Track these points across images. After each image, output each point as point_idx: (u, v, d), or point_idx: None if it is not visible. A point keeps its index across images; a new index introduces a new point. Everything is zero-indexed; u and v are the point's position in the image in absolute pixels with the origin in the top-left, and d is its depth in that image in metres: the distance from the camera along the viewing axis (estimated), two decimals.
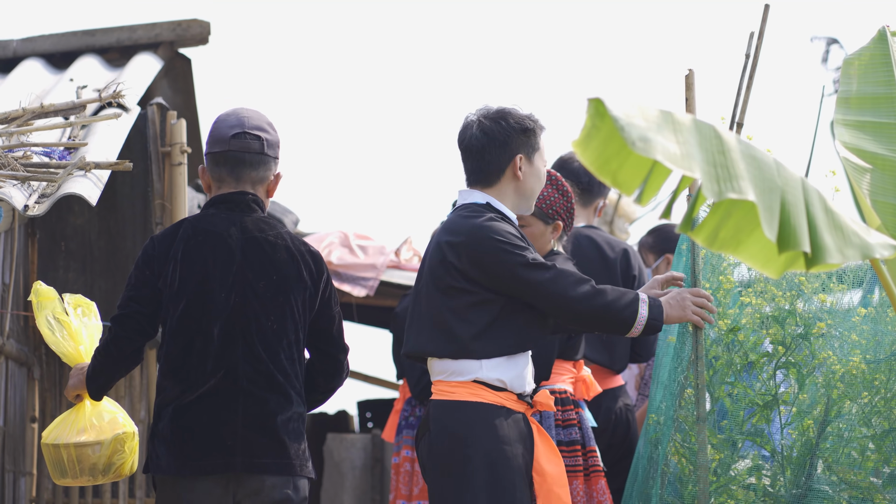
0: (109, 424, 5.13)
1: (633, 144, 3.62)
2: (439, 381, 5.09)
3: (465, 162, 5.21)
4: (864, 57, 5.59)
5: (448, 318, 5.04)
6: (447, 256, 5.06)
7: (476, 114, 5.22)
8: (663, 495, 5.40)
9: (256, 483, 4.87)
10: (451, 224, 5.14)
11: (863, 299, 5.49)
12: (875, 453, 5.26)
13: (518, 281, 5.01)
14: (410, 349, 5.15)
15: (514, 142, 5.17)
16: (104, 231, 6.68)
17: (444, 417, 5.04)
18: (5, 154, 5.52)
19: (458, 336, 5.03)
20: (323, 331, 5.09)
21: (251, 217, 4.99)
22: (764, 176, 3.90)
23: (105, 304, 6.66)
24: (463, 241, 5.04)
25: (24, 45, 7.92)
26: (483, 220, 5.08)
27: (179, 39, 8.00)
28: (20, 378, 6.56)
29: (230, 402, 4.84)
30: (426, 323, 5.09)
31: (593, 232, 6.72)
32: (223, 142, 5.03)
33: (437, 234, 5.17)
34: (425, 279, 5.13)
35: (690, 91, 5.38)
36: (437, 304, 5.08)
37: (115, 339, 4.95)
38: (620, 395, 6.50)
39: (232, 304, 4.88)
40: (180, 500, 4.85)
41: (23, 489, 6.56)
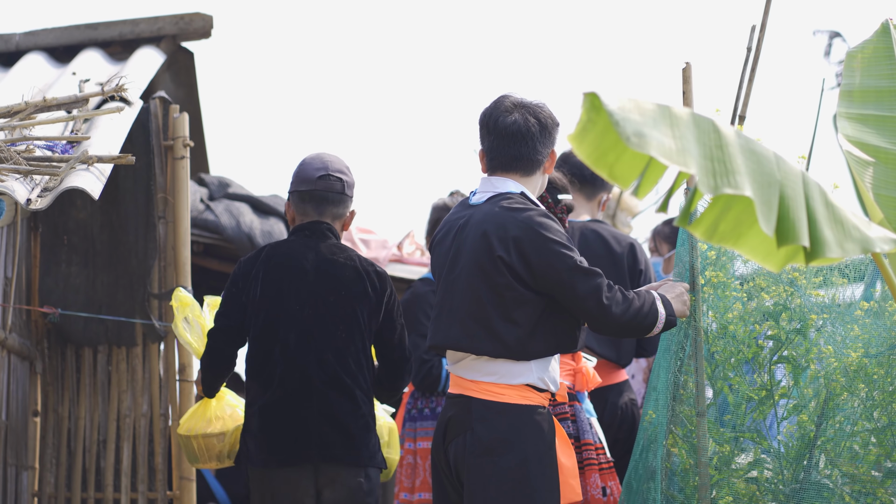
0: (231, 417, 5.74)
1: (627, 140, 3.61)
2: (485, 382, 5.05)
3: (501, 147, 5.14)
4: (868, 50, 5.58)
5: (491, 315, 5.00)
6: (496, 250, 4.98)
7: (514, 99, 5.16)
8: (664, 489, 5.40)
9: (333, 472, 5.50)
10: (498, 216, 5.04)
11: (865, 293, 5.49)
12: (876, 447, 5.26)
13: (564, 284, 4.98)
14: (440, 342, 5.09)
15: (555, 135, 5.18)
16: (106, 225, 6.67)
17: (492, 419, 5.01)
18: (8, 148, 5.52)
19: (501, 336, 4.99)
20: (386, 340, 5.67)
21: (325, 243, 5.64)
22: (763, 170, 3.90)
23: (107, 298, 6.67)
24: (515, 236, 4.98)
25: (26, 38, 7.92)
26: (535, 215, 5.03)
27: (182, 33, 7.99)
28: (22, 372, 6.56)
29: (305, 401, 5.49)
30: (461, 316, 5.03)
31: (599, 226, 6.71)
32: (310, 182, 5.66)
33: (480, 223, 5.06)
34: (465, 270, 5.04)
35: (688, 84, 5.37)
36: (479, 299, 5.02)
37: (209, 350, 5.62)
38: (625, 390, 6.50)
39: (305, 315, 5.53)
40: (270, 489, 5.52)
41: (25, 483, 6.57)
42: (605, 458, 5.79)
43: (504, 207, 5.05)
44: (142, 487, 6.68)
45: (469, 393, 5.05)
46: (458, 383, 5.11)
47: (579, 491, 5.10)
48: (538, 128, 5.13)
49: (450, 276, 5.09)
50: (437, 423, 5.22)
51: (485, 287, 4.99)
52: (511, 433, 5.00)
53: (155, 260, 6.62)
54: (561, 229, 5.06)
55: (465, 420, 5.04)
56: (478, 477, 4.99)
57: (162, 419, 6.68)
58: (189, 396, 6.58)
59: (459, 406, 5.07)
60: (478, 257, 5.01)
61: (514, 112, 5.12)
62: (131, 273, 6.65)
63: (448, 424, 5.10)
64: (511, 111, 5.12)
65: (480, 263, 5.00)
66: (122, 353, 6.74)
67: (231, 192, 8.42)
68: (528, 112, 5.12)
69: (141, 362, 6.74)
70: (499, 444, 4.99)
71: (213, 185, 8.49)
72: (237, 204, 8.31)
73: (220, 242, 8.20)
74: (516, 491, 4.99)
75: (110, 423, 6.72)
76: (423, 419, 7.08)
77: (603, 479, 5.74)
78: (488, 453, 4.99)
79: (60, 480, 6.71)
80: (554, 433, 5.10)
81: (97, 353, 6.75)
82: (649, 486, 5.50)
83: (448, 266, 5.11)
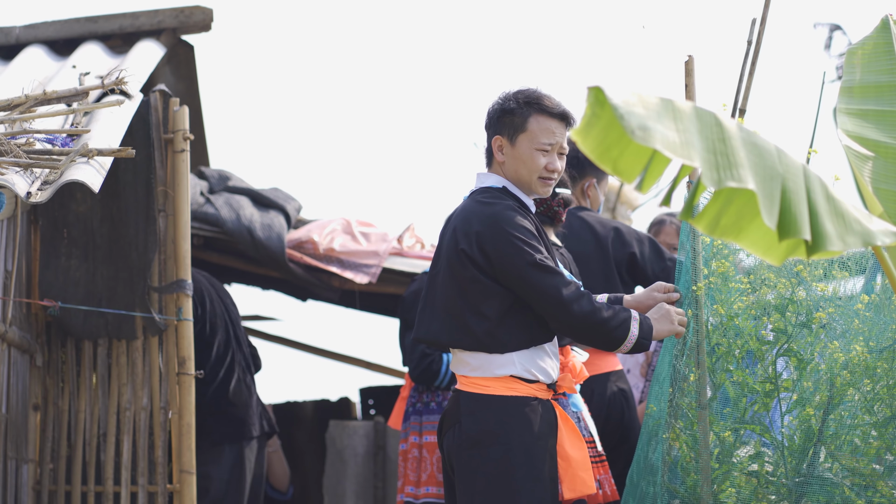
0: None
1: (632, 133, 3.62)
2: (471, 375, 5.09)
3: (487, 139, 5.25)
4: (868, 46, 5.59)
5: (461, 308, 5.05)
6: (460, 244, 5.05)
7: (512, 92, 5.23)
8: (666, 482, 5.41)
9: None
10: (467, 210, 5.12)
11: (865, 286, 5.49)
12: (877, 440, 5.27)
13: (523, 280, 5.01)
14: (423, 335, 5.16)
15: (495, 122, 5.17)
16: (107, 218, 6.67)
17: (477, 412, 5.05)
18: (8, 141, 5.52)
19: (472, 329, 5.04)
20: None
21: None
22: (765, 163, 3.90)
23: (107, 292, 6.66)
24: (477, 231, 5.04)
25: (26, 31, 7.92)
26: (500, 209, 5.07)
27: (182, 26, 7.99)
28: (22, 365, 6.56)
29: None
30: (440, 311, 5.10)
31: (584, 213, 6.70)
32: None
33: (453, 219, 5.16)
34: (442, 264, 5.12)
35: (690, 77, 5.37)
36: (451, 293, 5.08)
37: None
38: (614, 380, 6.47)
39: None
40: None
41: (25, 476, 6.57)
42: (594, 452, 5.78)
43: (477, 202, 5.14)
44: (142, 481, 6.68)
45: (459, 387, 5.12)
46: (456, 378, 5.16)
47: (591, 483, 5.12)
48: (487, 115, 5.22)
49: (433, 270, 5.19)
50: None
51: (454, 281, 5.07)
52: (496, 425, 5.04)
53: (155, 253, 6.62)
54: (526, 224, 5.07)
55: (455, 413, 5.09)
56: (465, 469, 5.04)
57: (162, 412, 6.68)
58: (189, 390, 6.58)
59: (453, 400, 5.15)
60: (448, 252, 5.11)
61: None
62: (131, 266, 6.65)
63: (443, 418, 5.16)
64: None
65: (450, 258, 5.09)
66: (123, 347, 6.73)
67: (231, 186, 8.42)
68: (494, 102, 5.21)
69: (141, 356, 6.73)
70: (485, 436, 5.04)
71: (214, 178, 8.49)
72: (237, 197, 8.31)
73: (220, 235, 8.20)
74: (500, 482, 5.02)
75: (110, 416, 6.72)
76: (430, 413, 7.10)
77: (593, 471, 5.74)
78: (475, 445, 5.05)
79: (60, 474, 6.71)
80: (550, 424, 5.11)
81: (97, 347, 6.74)
82: (651, 479, 5.50)
83: (433, 261, 5.21)
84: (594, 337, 5.11)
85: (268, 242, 8.06)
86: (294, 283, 8.48)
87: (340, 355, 10.40)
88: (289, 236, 8.24)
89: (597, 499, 5.67)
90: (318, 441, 9.51)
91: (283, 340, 10.26)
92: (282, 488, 8.46)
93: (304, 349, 10.32)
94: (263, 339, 10.28)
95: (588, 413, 5.88)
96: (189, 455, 6.56)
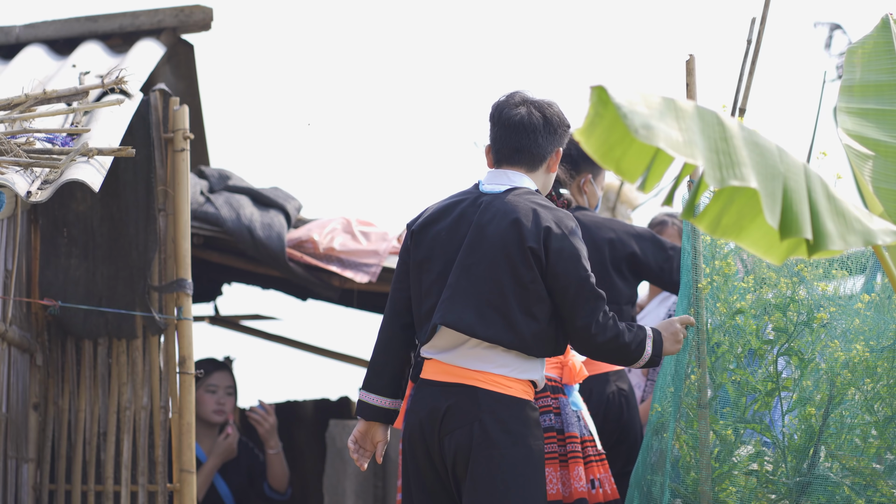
0: None
1: (636, 132, 3.62)
2: (495, 373, 5.07)
3: (504, 138, 5.18)
4: (868, 45, 5.59)
5: (511, 305, 5.00)
6: (528, 241, 4.99)
7: (525, 95, 5.20)
8: (665, 482, 5.41)
9: None
10: (526, 208, 5.06)
11: (865, 286, 5.49)
12: (878, 440, 5.27)
13: (567, 292, 5.01)
14: (453, 322, 5.04)
15: (561, 133, 5.20)
16: (107, 217, 6.67)
17: (500, 412, 5.03)
18: (8, 140, 5.52)
19: (519, 329, 4.99)
20: None
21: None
22: (766, 163, 3.90)
23: (107, 291, 6.66)
24: (547, 227, 5.01)
25: (26, 31, 7.92)
26: (566, 216, 5.09)
27: (182, 25, 7.99)
28: (22, 364, 6.56)
29: None
30: (478, 303, 5.01)
31: (579, 213, 6.69)
32: None
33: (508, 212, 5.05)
34: (488, 257, 5.02)
35: (691, 77, 5.37)
36: (500, 288, 5.01)
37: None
38: (613, 379, 6.46)
39: None
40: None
41: (25, 475, 6.57)
42: (594, 451, 5.77)
43: (535, 202, 5.09)
44: (142, 480, 6.68)
45: (474, 383, 5.05)
46: (454, 372, 5.09)
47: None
48: (542, 122, 5.15)
49: (467, 260, 5.06)
50: (423, 412, 5.16)
51: (509, 277, 5.00)
52: (518, 426, 5.03)
53: (155, 252, 6.62)
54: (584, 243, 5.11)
55: (471, 411, 5.04)
56: (485, 469, 5.00)
57: (162, 412, 6.68)
58: (189, 389, 6.58)
59: (461, 396, 5.06)
60: (506, 246, 5.01)
61: (521, 106, 5.18)
62: (131, 265, 6.65)
63: (447, 414, 5.08)
64: (519, 105, 5.18)
65: (508, 252, 5.01)
66: (123, 346, 6.73)
67: (231, 185, 8.42)
68: (534, 107, 5.17)
69: (141, 355, 6.73)
70: (507, 436, 5.02)
71: (214, 177, 8.48)
72: (237, 196, 8.31)
73: (220, 235, 8.19)
74: (522, 484, 5.02)
75: (110, 415, 6.71)
76: None
77: (591, 471, 5.73)
78: (497, 445, 5.01)
79: (60, 473, 6.71)
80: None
81: (97, 346, 6.74)
82: (654, 478, 5.51)
83: (465, 250, 5.08)
84: (611, 359, 5.18)
85: (268, 242, 8.05)
86: (294, 282, 8.47)
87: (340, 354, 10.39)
88: (289, 235, 8.24)
89: (597, 497, 5.68)
90: (318, 440, 9.50)
91: (283, 340, 10.25)
92: (280, 489, 8.46)
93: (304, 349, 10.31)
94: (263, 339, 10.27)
95: (587, 412, 5.88)
96: (189, 454, 6.56)
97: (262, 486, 8.40)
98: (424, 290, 5.14)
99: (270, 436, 8.37)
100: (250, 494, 8.47)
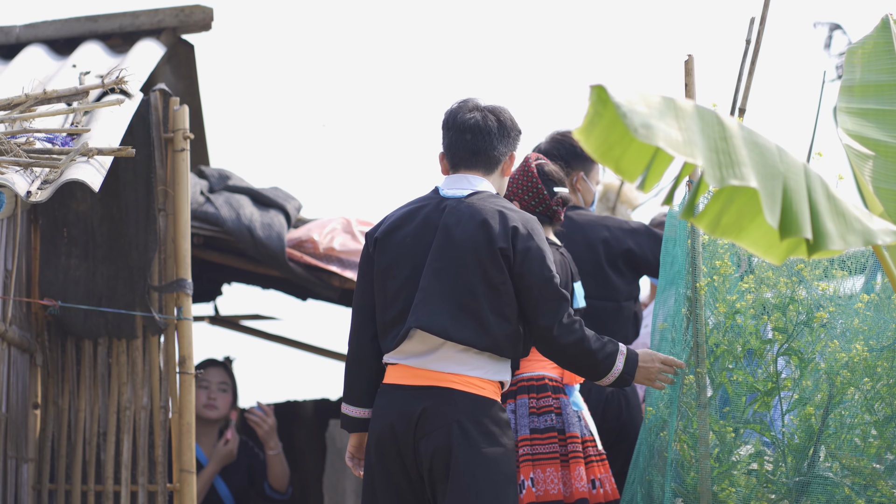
0: None
1: (635, 131, 3.62)
2: (470, 375, 5.10)
3: (460, 142, 5.25)
4: (868, 45, 5.59)
5: (483, 307, 5.05)
6: (498, 242, 5.05)
7: (475, 100, 5.29)
8: (664, 482, 5.41)
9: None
10: (493, 210, 5.13)
11: (865, 285, 5.49)
12: (878, 440, 5.27)
13: (531, 291, 5.07)
14: (427, 325, 5.08)
15: (514, 137, 5.28)
16: (107, 217, 6.67)
17: (478, 413, 5.08)
18: (8, 140, 5.52)
19: (492, 330, 5.04)
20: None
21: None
22: (766, 162, 3.90)
23: (107, 291, 6.66)
24: (518, 230, 5.07)
25: (26, 31, 7.92)
26: (531, 220, 5.18)
27: (182, 25, 7.99)
28: (22, 364, 6.56)
29: None
30: (450, 306, 5.06)
31: (574, 213, 6.68)
32: None
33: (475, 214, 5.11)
34: (458, 260, 5.07)
35: (690, 77, 5.38)
36: (472, 290, 5.07)
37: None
38: None
39: None
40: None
41: (25, 475, 6.57)
42: (594, 451, 5.78)
43: (500, 204, 5.18)
44: (142, 480, 6.68)
45: (449, 385, 5.10)
46: (427, 376, 5.12)
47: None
48: (497, 126, 5.25)
49: (436, 263, 5.11)
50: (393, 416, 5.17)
51: (480, 279, 5.05)
52: (493, 426, 5.10)
53: (155, 252, 6.62)
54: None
55: (448, 412, 5.08)
56: (466, 468, 5.05)
57: (162, 411, 6.68)
58: (189, 389, 6.59)
59: (437, 398, 5.10)
60: (476, 248, 5.07)
61: (475, 111, 5.28)
62: (131, 265, 6.65)
63: (422, 417, 5.11)
64: (473, 110, 5.28)
65: (478, 255, 5.06)
66: (123, 346, 6.74)
67: (231, 185, 8.42)
68: (488, 111, 5.27)
69: (141, 354, 6.74)
70: (485, 436, 5.07)
71: (214, 177, 8.48)
72: (237, 196, 8.31)
73: (220, 235, 8.19)
74: (502, 482, 5.06)
75: (110, 415, 6.72)
76: None
77: (592, 471, 5.74)
78: (478, 445, 5.05)
79: (60, 473, 6.71)
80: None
81: (97, 346, 6.75)
82: (653, 479, 5.51)
83: (434, 253, 5.12)
84: (577, 367, 5.22)
85: (268, 241, 8.05)
86: (294, 282, 8.47)
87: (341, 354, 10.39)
88: (289, 235, 8.24)
89: (598, 497, 5.68)
90: (318, 440, 9.51)
91: (283, 340, 10.25)
92: (281, 489, 8.46)
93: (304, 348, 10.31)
94: (263, 339, 10.27)
95: (588, 412, 5.88)
96: (189, 454, 6.56)
97: (263, 486, 8.41)
98: (391, 297, 5.19)
99: (270, 437, 8.36)
100: (251, 494, 8.47)
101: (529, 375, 5.79)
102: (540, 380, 5.80)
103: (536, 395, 5.78)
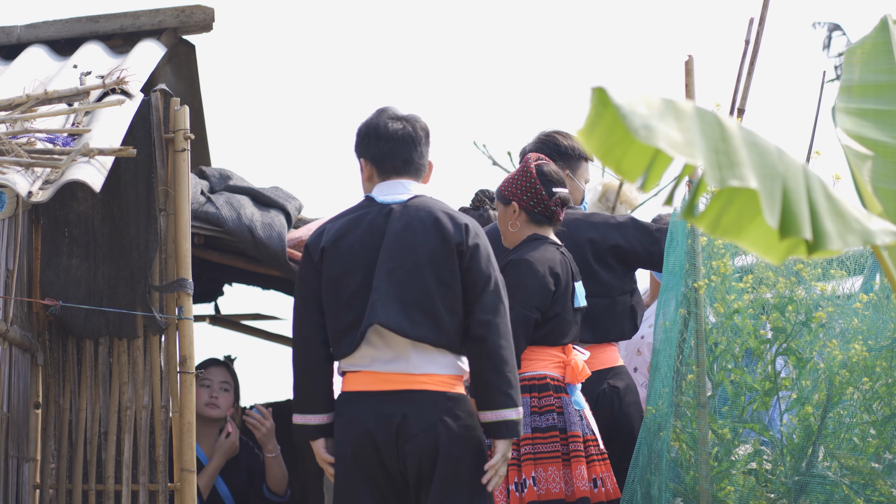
0: None
1: (636, 132, 3.63)
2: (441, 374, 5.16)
3: (393, 151, 5.38)
4: (867, 46, 5.60)
5: (436, 304, 5.18)
6: (452, 239, 5.17)
7: (393, 109, 5.44)
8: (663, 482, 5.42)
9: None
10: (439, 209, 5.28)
11: (864, 285, 5.51)
12: (876, 439, 5.28)
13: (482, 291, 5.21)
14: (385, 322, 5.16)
15: (429, 144, 5.46)
16: (108, 217, 6.68)
17: (455, 410, 5.19)
18: (9, 140, 5.53)
19: (445, 325, 5.16)
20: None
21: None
22: (765, 163, 3.91)
23: (108, 291, 6.67)
24: (469, 227, 5.19)
25: (27, 31, 7.93)
26: (476, 220, 5.37)
27: (183, 26, 8.00)
28: (24, 364, 6.57)
29: None
30: (401, 302, 5.17)
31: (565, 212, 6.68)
32: None
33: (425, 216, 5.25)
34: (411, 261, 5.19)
35: (690, 77, 5.40)
36: (426, 289, 5.18)
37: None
38: (607, 377, 6.43)
39: None
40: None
41: (26, 475, 6.58)
42: (596, 450, 5.79)
43: (444, 206, 5.32)
44: (143, 479, 6.69)
45: (426, 387, 5.18)
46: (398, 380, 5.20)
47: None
48: (423, 135, 5.41)
49: (388, 265, 5.21)
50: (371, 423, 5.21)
51: (433, 278, 5.18)
52: (471, 420, 5.21)
53: (156, 252, 6.64)
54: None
55: (432, 413, 5.17)
56: (453, 466, 5.16)
57: (163, 411, 6.69)
58: (190, 388, 6.60)
59: (416, 401, 5.19)
60: (429, 248, 5.21)
61: (399, 121, 5.41)
62: (132, 265, 6.66)
63: (404, 421, 5.16)
64: (397, 120, 5.41)
65: (432, 254, 5.20)
66: (124, 345, 6.75)
67: (232, 185, 8.43)
68: (409, 122, 5.41)
69: (142, 354, 6.75)
70: (467, 430, 5.19)
71: (214, 177, 8.49)
72: (238, 196, 8.32)
73: (220, 235, 8.20)
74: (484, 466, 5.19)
75: (111, 414, 6.73)
76: None
77: (594, 470, 5.75)
78: (464, 440, 5.16)
79: (62, 472, 6.72)
80: None
81: (98, 345, 6.76)
82: (652, 478, 5.52)
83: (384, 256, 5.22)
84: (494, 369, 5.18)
85: (269, 241, 8.06)
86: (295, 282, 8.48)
87: None
88: (290, 235, 8.24)
89: (599, 496, 5.70)
90: None
91: (283, 340, 10.26)
92: (279, 492, 8.46)
93: None
94: (264, 339, 10.28)
95: (589, 410, 5.89)
96: (190, 454, 6.57)
97: (262, 488, 8.41)
98: (344, 303, 5.29)
99: (268, 439, 8.36)
100: (250, 495, 8.48)
101: (531, 375, 5.80)
102: (542, 379, 5.81)
103: (538, 394, 5.79)
